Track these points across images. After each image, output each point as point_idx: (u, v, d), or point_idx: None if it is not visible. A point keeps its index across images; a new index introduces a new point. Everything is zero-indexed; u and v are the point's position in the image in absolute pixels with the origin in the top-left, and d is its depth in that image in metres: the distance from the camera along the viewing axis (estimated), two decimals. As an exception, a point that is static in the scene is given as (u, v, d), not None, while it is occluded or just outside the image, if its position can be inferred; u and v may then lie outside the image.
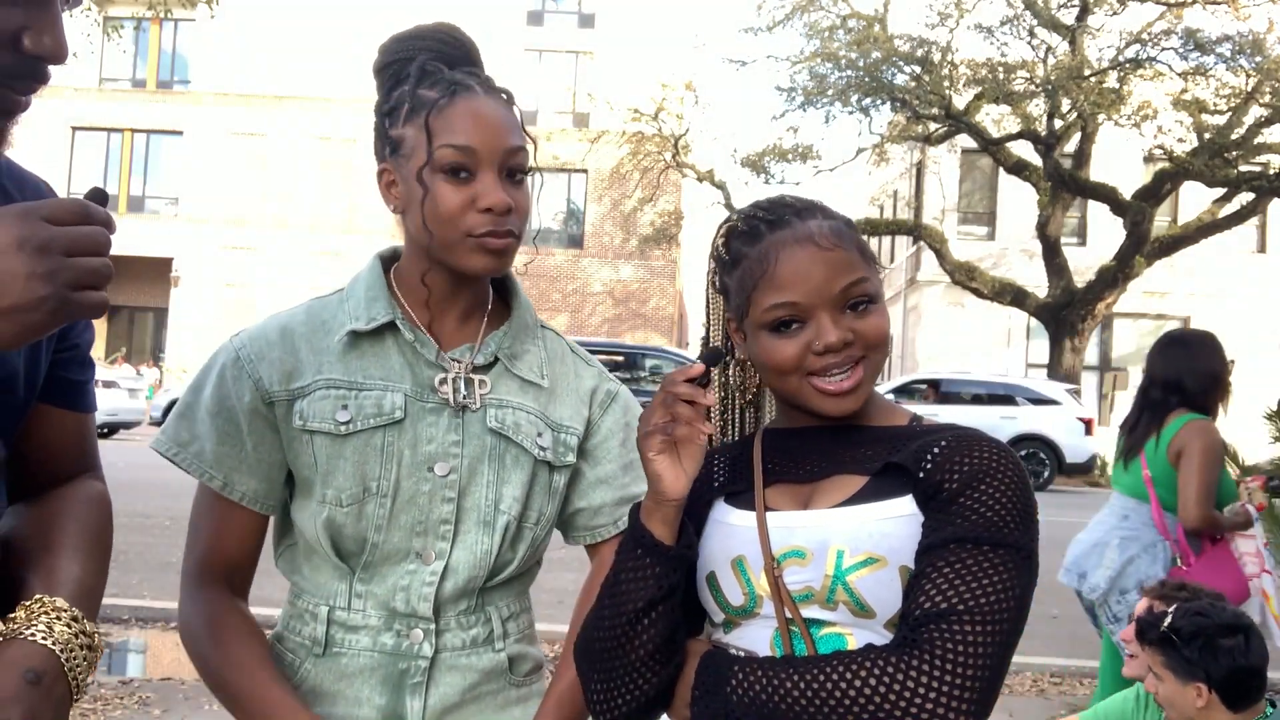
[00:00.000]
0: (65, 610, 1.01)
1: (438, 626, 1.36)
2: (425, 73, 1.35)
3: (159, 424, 19.33)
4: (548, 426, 1.42)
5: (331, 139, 27.70)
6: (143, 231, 26.88)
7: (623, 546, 1.21)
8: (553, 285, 28.50)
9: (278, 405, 1.36)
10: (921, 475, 1.17)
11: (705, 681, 1.15)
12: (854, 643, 1.14)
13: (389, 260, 1.46)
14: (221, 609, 1.35)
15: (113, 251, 0.90)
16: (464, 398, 1.37)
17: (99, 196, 0.92)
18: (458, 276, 1.37)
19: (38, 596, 1.02)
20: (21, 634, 0.97)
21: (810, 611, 1.16)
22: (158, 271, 27.21)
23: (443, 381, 1.37)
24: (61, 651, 0.98)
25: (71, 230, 0.87)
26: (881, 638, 1.14)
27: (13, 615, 1.00)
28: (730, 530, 1.24)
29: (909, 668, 1.05)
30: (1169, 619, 2.45)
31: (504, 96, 1.34)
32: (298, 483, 1.38)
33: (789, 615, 1.17)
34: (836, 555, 1.15)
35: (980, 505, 1.13)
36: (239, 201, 27.70)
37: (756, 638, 1.20)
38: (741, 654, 1.19)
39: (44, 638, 0.97)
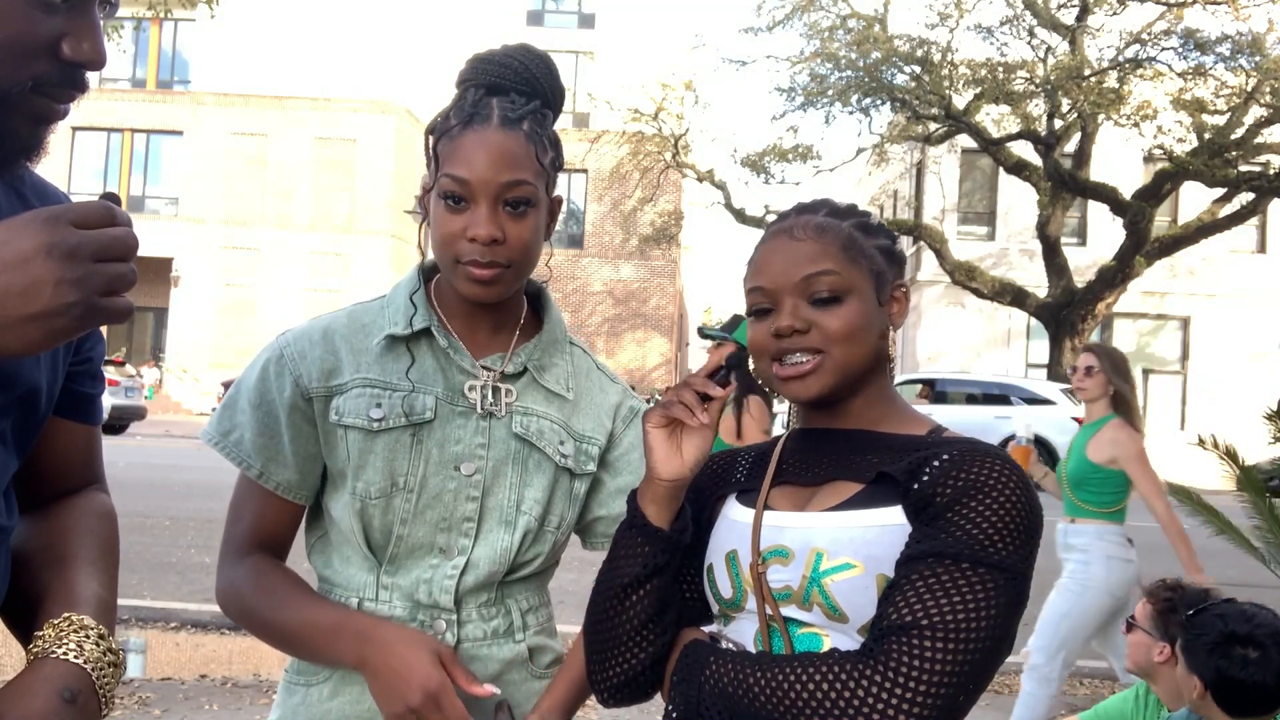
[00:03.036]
0: (93, 628, 1.01)
1: (459, 617, 1.43)
2: (460, 102, 1.41)
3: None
4: (570, 436, 1.49)
5: (331, 139, 27.71)
6: (143, 231, 26.07)
7: (620, 525, 1.27)
8: (553, 285, 28.29)
9: (316, 401, 1.43)
10: (915, 487, 1.16)
11: (683, 668, 1.19)
12: (829, 644, 1.16)
13: (430, 271, 1.53)
14: (263, 565, 1.43)
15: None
16: (490, 404, 1.44)
17: (112, 200, 0.91)
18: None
19: (65, 615, 1.02)
20: (53, 652, 0.98)
21: (789, 611, 1.18)
22: (158, 271, 27.22)
23: (471, 388, 1.44)
24: (93, 670, 0.99)
25: (98, 234, 0.86)
26: (854, 642, 1.15)
27: (41, 633, 1.01)
28: (731, 526, 1.28)
29: (862, 676, 1.06)
30: (1196, 608, 2.46)
31: (524, 128, 1.37)
32: (332, 476, 1.46)
33: (770, 612, 1.19)
34: (815, 557, 1.17)
35: (967, 522, 1.11)
36: (239, 201, 27.71)
37: (745, 632, 1.23)
38: (733, 647, 1.22)
39: (76, 656, 0.98)
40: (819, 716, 1.06)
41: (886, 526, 1.17)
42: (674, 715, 1.18)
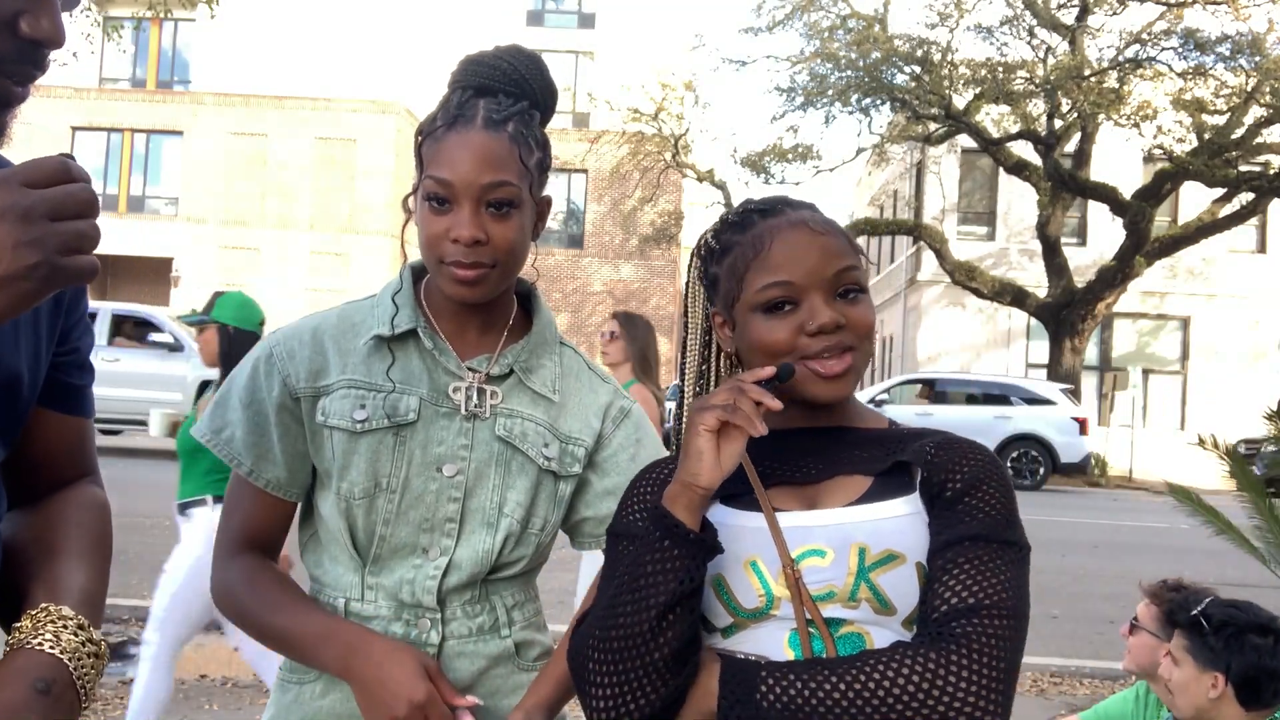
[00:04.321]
0: (71, 618, 1.00)
1: (443, 616, 1.43)
2: (447, 103, 1.42)
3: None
4: (555, 438, 1.48)
5: (331, 139, 27.69)
6: (143, 231, 26.87)
7: (645, 536, 1.16)
8: (553, 285, 28.52)
9: (304, 401, 1.44)
10: (925, 475, 1.19)
11: (733, 690, 1.10)
12: (872, 641, 1.14)
13: (420, 271, 1.53)
14: (257, 566, 1.45)
15: (113, 252, 0.88)
16: (475, 406, 1.44)
17: (70, 160, 0.89)
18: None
19: (43, 605, 1.00)
20: (28, 643, 0.97)
21: (830, 611, 1.15)
22: (158, 271, 27.21)
23: (456, 390, 1.44)
24: (70, 660, 0.97)
25: (53, 193, 0.84)
26: (899, 635, 1.14)
27: (18, 625, 0.99)
28: (738, 532, 1.20)
29: (949, 661, 1.06)
30: (1202, 605, 2.45)
31: (509, 129, 1.38)
32: (319, 475, 1.47)
33: (809, 616, 1.15)
34: (859, 553, 1.15)
35: (985, 505, 1.16)
36: (239, 201, 27.69)
37: (767, 640, 1.16)
38: (752, 659, 1.16)
39: (52, 646, 0.97)
40: (911, 710, 1.05)
41: (907, 516, 1.18)
42: None
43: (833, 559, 1.16)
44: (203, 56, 29.95)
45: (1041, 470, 17.39)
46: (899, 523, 1.18)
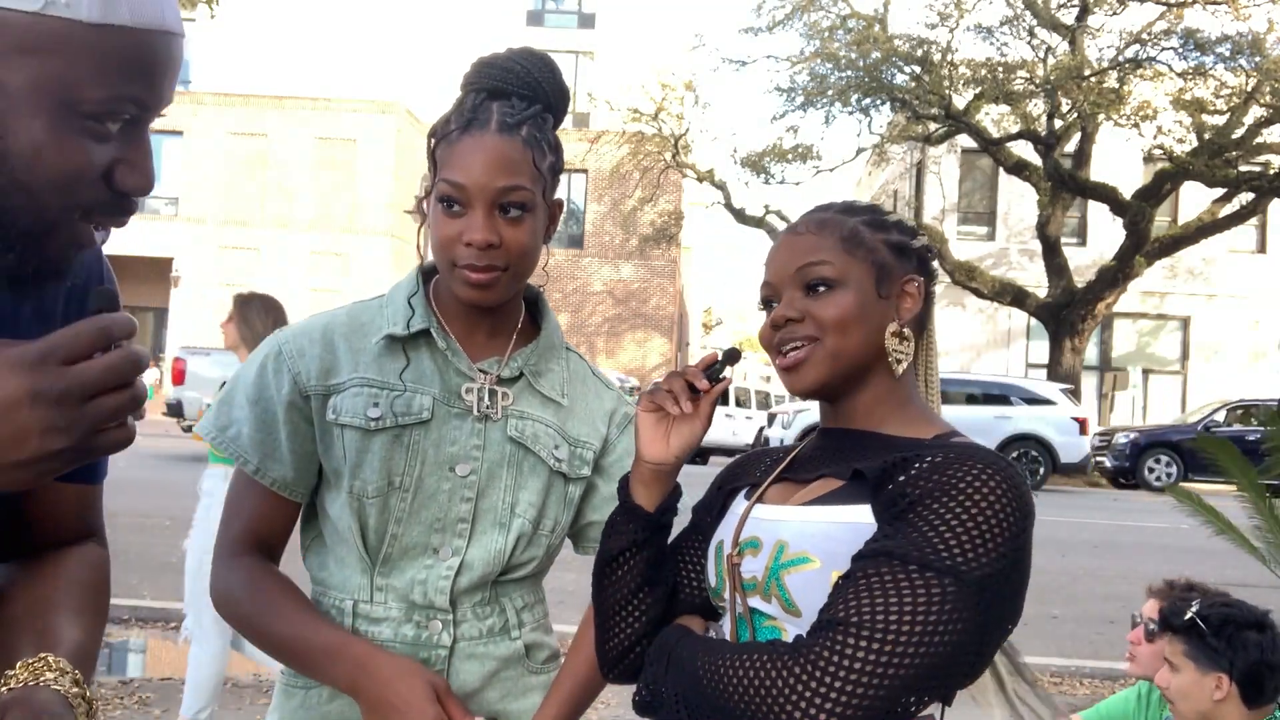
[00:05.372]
0: (68, 671, 1.00)
1: (455, 617, 1.44)
2: (460, 106, 1.42)
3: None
4: (565, 440, 1.50)
5: (331, 139, 27.71)
6: (143, 231, 26.87)
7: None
8: (553, 285, 28.48)
9: (313, 399, 1.43)
10: (890, 487, 1.13)
11: (655, 649, 1.22)
12: (788, 638, 1.15)
13: (430, 273, 1.53)
14: (259, 570, 1.43)
15: (113, 252, 0.87)
16: (486, 407, 1.45)
17: (108, 299, 0.86)
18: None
19: (42, 655, 1.00)
20: (33, 684, 0.97)
21: (754, 602, 1.19)
22: (158, 271, 27.23)
23: (468, 390, 1.45)
24: (73, 705, 0.97)
25: (88, 371, 0.80)
26: None
27: (12, 672, 0.98)
28: (727, 518, 1.29)
29: (784, 668, 1.05)
30: (1195, 607, 2.42)
31: (523, 133, 1.38)
32: (328, 475, 1.45)
33: (740, 603, 1.20)
34: (778, 549, 1.17)
35: (925, 524, 1.08)
36: (239, 201, 27.72)
37: (726, 623, 1.24)
38: (709, 633, 1.24)
39: (56, 686, 0.97)
40: (745, 704, 1.06)
41: (855, 524, 1.14)
42: (642, 692, 1.20)
43: (761, 552, 1.19)
44: (203, 56, 29.96)
45: (1041, 470, 17.39)
46: (834, 529, 1.15)
